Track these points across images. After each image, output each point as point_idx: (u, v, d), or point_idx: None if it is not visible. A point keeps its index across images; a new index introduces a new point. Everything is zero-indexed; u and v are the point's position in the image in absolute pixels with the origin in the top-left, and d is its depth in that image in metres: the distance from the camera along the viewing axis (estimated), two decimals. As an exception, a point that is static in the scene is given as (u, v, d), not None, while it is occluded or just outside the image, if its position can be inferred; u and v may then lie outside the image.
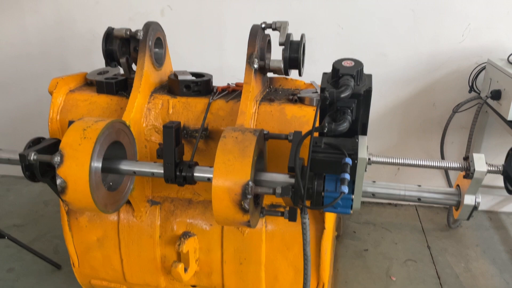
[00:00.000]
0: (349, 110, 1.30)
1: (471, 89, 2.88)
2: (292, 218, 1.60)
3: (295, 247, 1.86)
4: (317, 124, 1.30)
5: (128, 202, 1.91)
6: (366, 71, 1.52)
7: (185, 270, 1.89)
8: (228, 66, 3.09)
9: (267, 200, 1.86)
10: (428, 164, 1.35)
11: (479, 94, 2.85)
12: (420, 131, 3.14)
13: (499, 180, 3.11)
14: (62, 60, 3.40)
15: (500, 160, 1.45)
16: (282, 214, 1.60)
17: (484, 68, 2.81)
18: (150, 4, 3.10)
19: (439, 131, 3.04)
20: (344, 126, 1.26)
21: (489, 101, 2.65)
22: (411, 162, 1.35)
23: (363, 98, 1.34)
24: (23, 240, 2.69)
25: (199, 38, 3.13)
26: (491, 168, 1.30)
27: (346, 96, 1.26)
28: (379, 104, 3.12)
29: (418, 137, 3.14)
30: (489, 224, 3.17)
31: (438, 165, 1.34)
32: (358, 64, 1.35)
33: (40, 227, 3.14)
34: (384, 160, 1.36)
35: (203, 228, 1.92)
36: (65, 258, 2.75)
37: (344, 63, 1.35)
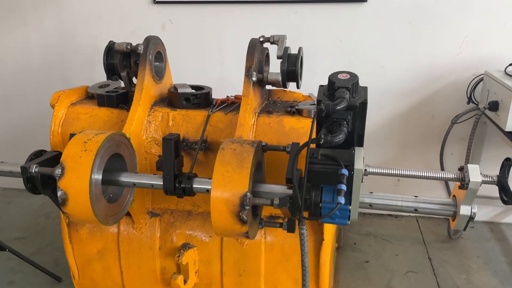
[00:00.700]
0: (344, 122, 1.32)
1: (469, 100, 2.90)
2: (290, 229, 1.61)
3: (294, 258, 1.86)
4: (313, 136, 1.32)
5: (128, 214, 1.93)
6: (365, 83, 1.54)
7: (185, 282, 1.89)
8: (228, 79, 3.12)
9: (266, 212, 1.87)
10: (423, 174, 1.36)
11: (477, 105, 2.87)
12: (420, 143, 3.15)
13: (499, 191, 3.11)
14: (64, 73, 3.45)
15: (498, 160, 1.44)
16: (281, 225, 1.62)
17: (481, 79, 2.84)
18: (152, 19, 3.15)
19: (438, 142, 3.06)
20: (340, 137, 1.28)
21: (487, 112, 2.66)
22: (407, 173, 1.37)
23: (359, 110, 1.36)
24: (24, 253, 2.69)
25: (199, 52, 3.17)
26: (486, 179, 1.31)
27: (341, 108, 1.28)
28: (378, 115, 3.14)
29: (418, 148, 3.16)
30: (490, 235, 3.16)
31: (434, 175, 1.35)
32: (354, 77, 1.38)
33: (41, 239, 3.14)
34: (380, 171, 1.37)
35: (202, 240, 1.93)
36: (65, 270, 2.74)
37: (340, 76, 1.37)
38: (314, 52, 2.94)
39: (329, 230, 1.81)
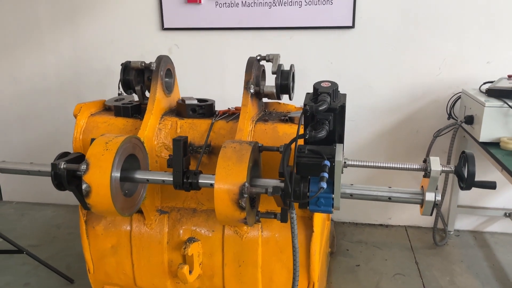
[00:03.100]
0: (326, 122, 1.58)
1: (449, 116, 3.17)
2: (283, 219, 1.84)
3: (287, 250, 2.08)
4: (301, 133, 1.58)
5: (140, 212, 2.17)
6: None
7: (190, 272, 2.11)
8: (228, 97, 3.40)
9: (262, 208, 2.10)
10: (394, 166, 1.61)
11: (456, 120, 3.14)
12: (405, 156, 3.41)
13: (482, 201, 3.37)
14: (77, 93, 3.73)
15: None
16: (275, 216, 1.86)
17: (459, 97, 3.12)
18: (159, 43, 3.46)
19: (423, 155, 3.31)
20: (323, 133, 1.54)
21: (464, 125, 2.93)
22: (380, 165, 1.62)
23: (338, 112, 1.62)
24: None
25: (202, 73, 3.48)
26: (445, 168, 1.56)
27: (323, 109, 1.54)
28: (367, 131, 3.41)
29: (404, 161, 3.37)
30: (474, 243, 3.37)
31: (403, 166, 1.61)
32: (334, 85, 1.65)
33: (53, 247, 3.35)
34: (357, 163, 1.62)
35: (206, 234, 2.15)
36: (77, 273, 2.97)
37: (323, 84, 1.64)
38: (307, 73, 3.22)
39: (318, 223, 2.04)
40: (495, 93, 2.75)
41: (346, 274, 2.99)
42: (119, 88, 2.56)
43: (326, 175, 1.52)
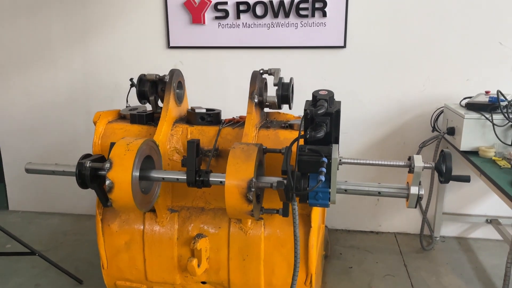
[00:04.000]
0: (324, 124, 1.83)
1: (433, 129, 3.44)
2: (285, 214, 2.07)
3: (288, 244, 2.29)
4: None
5: (152, 211, 2.38)
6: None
7: (198, 265, 2.31)
8: (228, 110, 3.64)
9: (265, 206, 2.32)
10: (384, 163, 1.86)
11: (440, 132, 3.41)
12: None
13: (466, 209, 3.62)
14: (86, 107, 3.94)
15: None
16: (277, 211, 2.09)
17: (442, 111, 3.40)
18: (165, 60, 3.71)
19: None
20: (321, 133, 1.79)
21: (446, 136, 3.20)
22: (371, 162, 1.87)
23: (334, 117, 1.87)
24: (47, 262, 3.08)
25: (204, 88, 3.72)
26: (426, 165, 1.81)
27: (321, 113, 1.79)
28: (358, 142, 3.67)
29: (392, 171, 3.63)
30: (459, 248, 3.60)
31: (391, 163, 1.85)
32: (330, 93, 1.90)
33: (61, 252, 3.51)
34: (351, 161, 1.87)
35: (213, 231, 2.36)
36: (85, 276, 3.13)
37: (320, 92, 1.89)
38: (302, 89, 3.47)
39: (315, 219, 2.26)
40: (473, 106, 3.02)
41: (340, 275, 3.19)
42: (127, 101, 2.80)
43: (324, 170, 1.75)
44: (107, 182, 1.96)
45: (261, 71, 2.39)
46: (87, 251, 3.48)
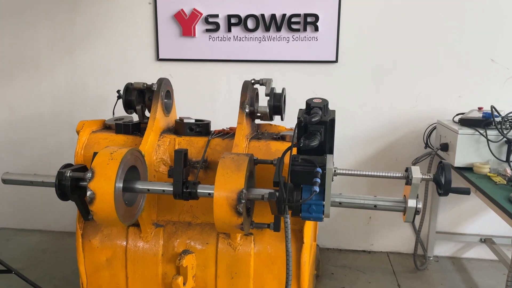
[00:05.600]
0: (318, 133, 1.75)
1: (426, 145, 3.39)
2: (276, 228, 1.97)
3: (278, 261, 2.18)
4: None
5: (135, 226, 2.25)
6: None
7: (184, 284, 2.18)
8: (219, 122, 3.56)
9: (255, 220, 2.22)
10: (379, 174, 1.78)
11: (433, 149, 3.36)
12: (386, 183, 3.58)
13: (460, 228, 3.54)
14: (70, 121, 3.83)
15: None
16: (268, 226, 1.98)
17: (435, 127, 3.36)
18: (155, 73, 3.63)
19: (402, 182, 3.48)
20: (315, 142, 1.70)
21: (440, 152, 3.15)
22: (367, 173, 1.78)
23: (329, 126, 1.79)
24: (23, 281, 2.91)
25: (194, 101, 3.64)
26: (425, 176, 1.73)
27: (316, 120, 1.71)
28: (350, 159, 3.60)
29: (385, 187, 3.58)
30: (452, 268, 3.51)
31: (387, 175, 1.77)
32: (324, 101, 1.83)
33: (40, 270, 3.34)
34: (346, 172, 1.78)
35: (200, 247, 2.24)
36: (64, 295, 2.97)
37: (314, 100, 1.82)
38: (292, 103, 3.41)
39: (308, 234, 2.16)
40: (467, 122, 2.98)
41: (332, 296, 3.07)
42: (113, 113, 2.70)
43: (318, 180, 1.67)
44: (88, 193, 1.84)
45: (253, 81, 2.32)
46: (67, 269, 3.32)
